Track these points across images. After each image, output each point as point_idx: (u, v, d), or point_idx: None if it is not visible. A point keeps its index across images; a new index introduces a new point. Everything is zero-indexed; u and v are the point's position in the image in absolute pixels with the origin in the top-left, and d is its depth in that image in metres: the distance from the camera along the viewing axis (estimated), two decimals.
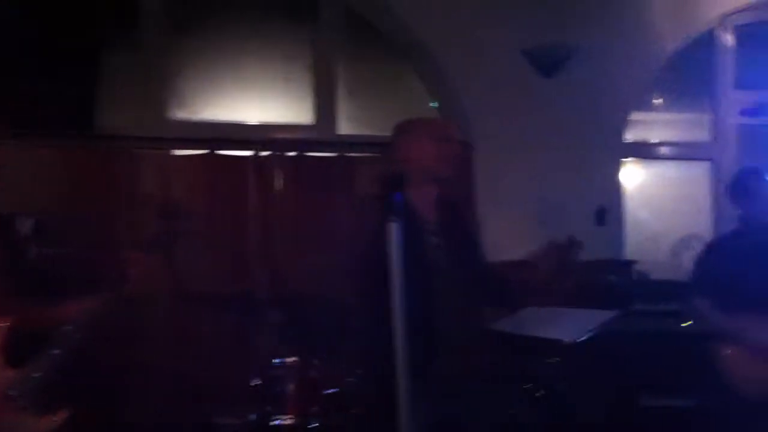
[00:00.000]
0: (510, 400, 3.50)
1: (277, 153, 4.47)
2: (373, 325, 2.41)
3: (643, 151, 5.32)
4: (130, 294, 2.73)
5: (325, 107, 4.76)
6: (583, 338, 3.22)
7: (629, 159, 5.22)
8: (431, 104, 4.97)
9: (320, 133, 4.72)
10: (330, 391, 3.24)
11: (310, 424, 3.16)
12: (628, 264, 4.82)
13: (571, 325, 3.28)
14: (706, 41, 5.38)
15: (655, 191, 5.39)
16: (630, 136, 5.17)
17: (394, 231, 2.04)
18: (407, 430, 1.90)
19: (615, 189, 5.04)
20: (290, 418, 3.17)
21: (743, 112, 5.41)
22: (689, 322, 3.65)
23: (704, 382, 3.37)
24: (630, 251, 5.02)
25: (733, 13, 5.33)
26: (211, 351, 3.95)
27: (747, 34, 5.44)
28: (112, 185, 4.15)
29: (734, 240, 3.58)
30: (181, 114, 4.56)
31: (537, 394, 3.69)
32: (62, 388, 2.63)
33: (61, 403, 2.62)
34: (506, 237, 4.55)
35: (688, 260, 5.18)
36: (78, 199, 4.08)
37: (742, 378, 3.22)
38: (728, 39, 5.43)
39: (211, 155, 4.39)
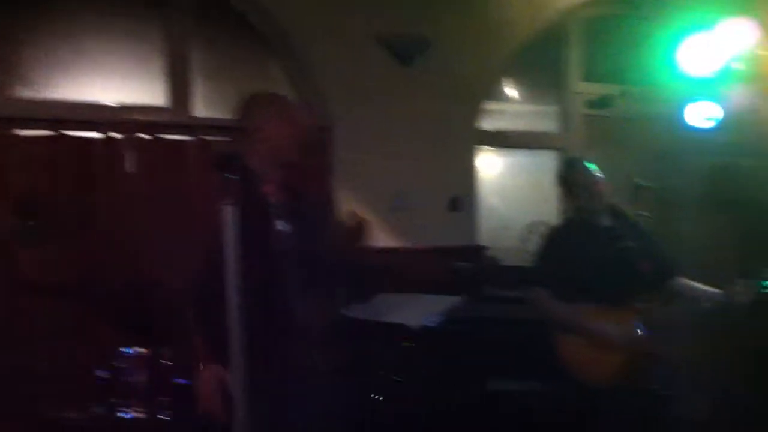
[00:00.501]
0: (366, 385, 3.56)
1: (129, 135, 4.33)
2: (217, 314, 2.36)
3: (496, 140, 5.48)
4: None
5: (179, 89, 4.64)
6: (431, 323, 3.31)
7: (483, 147, 5.37)
8: (290, 89, 4.93)
9: (174, 115, 4.60)
10: (181, 381, 3.18)
11: (159, 416, 3.09)
12: (480, 250, 4.99)
13: (420, 311, 3.37)
14: (556, 34, 5.58)
15: (507, 179, 5.59)
16: (483, 125, 5.32)
17: (230, 214, 1.98)
18: (246, 420, 1.90)
19: (468, 177, 5.17)
20: (138, 411, 3.09)
21: (590, 104, 5.66)
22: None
23: (547, 367, 3.52)
24: (483, 237, 5.18)
25: (582, 7, 5.55)
26: (54, 344, 3.79)
27: (594, 28, 5.69)
28: None
29: (565, 230, 3.70)
30: (26, 93, 4.32)
31: (394, 380, 3.77)
32: None
33: None
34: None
35: (534, 246, 5.45)
36: None
37: (577, 364, 3.40)
38: (576, 32, 5.66)
39: (57, 136, 4.20)
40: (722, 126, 4.89)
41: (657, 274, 3.40)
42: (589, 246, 3.44)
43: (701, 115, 4.93)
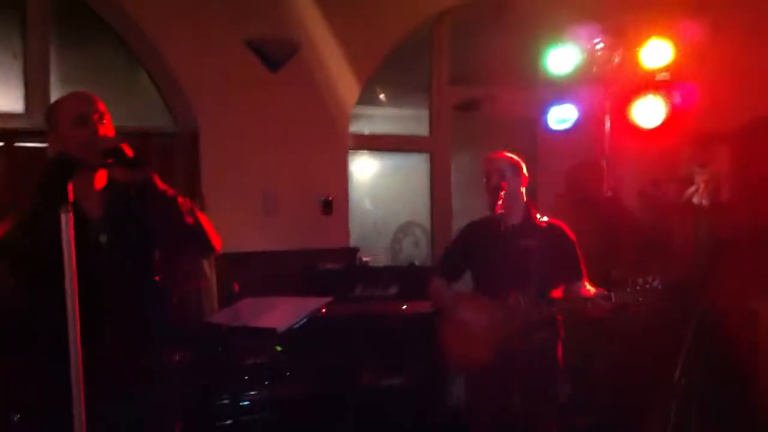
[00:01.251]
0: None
1: None
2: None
3: (367, 144, 5.55)
4: None
5: (35, 95, 4.47)
6: (297, 325, 3.31)
7: (354, 151, 5.42)
8: (155, 95, 4.85)
9: (31, 122, 4.43)
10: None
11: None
12: (352, 251, 5.04)
13: (287, 313, 3.36)
14: (424, 38, 5.69)
15: (379, 182, 5.66)
16: (354, 128, 5.37)
17: (65, 222, 1.89)
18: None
19: (340, 180, 5.21)
20: None
21: (458, 107, 5.79)
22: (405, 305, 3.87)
23: (418, 360, 3.60)
24: (354, 239, 5.23)
25: (449, 12, 5.68)
26: None
27: (461, 31, 5.83)
28: None
29: (478, 224, 3.76)
30: None
31: (265, 381, 3.76)
32: None
33: None
34: (235, 228, 4.58)
35: (407, 246, 5.56)
36: None
37: (455, 351, 3.50)
38: (443, 37, 5.78)
39: None
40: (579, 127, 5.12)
41: (559, 275, 3.49)
42: (488, 241, 3.49)
43: (560, 117, 5.14)
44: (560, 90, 5.14)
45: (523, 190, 3.60)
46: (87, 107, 2.46)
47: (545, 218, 3.61)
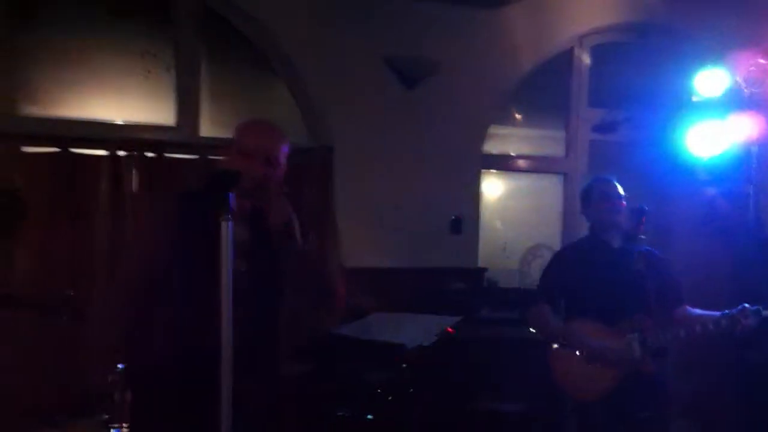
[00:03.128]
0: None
1: (135, 153, 4.39)
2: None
3: (500, 164, 5.52)
4: None
5: (186, 108, 4.71)
6: (426, 343, 3.33)
7: (486, 170, 5.40)
8: (296, 110, 5.00)
9: (181, 134, 4.67)
10: None
11: None
12: (479, 272, 5.00)
13: (416, 331, 3.39)
14: (563, 60, 5.63)
15: (510, 202, 5.61)
16: (488, 148, 5.35)
17: (226, 229, 1.97)
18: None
19: (471, 199, 5.20)
20: (128, 427, 3.11)
21: (595, 129, 5.69)
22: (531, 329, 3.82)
23: (539, 387, 3.55)
24: (482, 259, 5.20)
25: (589, 34, 5.60)
26: (45, 359, 3.83)
27: (600, 55, 5.73)
28: None
29: (577, 247, 3.76)
30: (33, 110, 4.41)
31: (387, 399, 3.79)
32: None
33: None
34: (364, 243, 4.66)
35: (536, 269, 5.47)
36: None
37: (569, 380, 3.43)
38: (583, 59, 5.70)
39: (64, 153, 4.27)
40: (726, 154, 4.90)
41: (663, 299, 3.45)
42: (598, 264, 3.50)
43: (705, 141, 4.93)
44: (706, 114, 4.94)
45: None
46: (275, 145, 2.54)
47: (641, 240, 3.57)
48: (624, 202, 3.61)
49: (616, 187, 3.67)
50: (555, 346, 3.50)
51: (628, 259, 3.49)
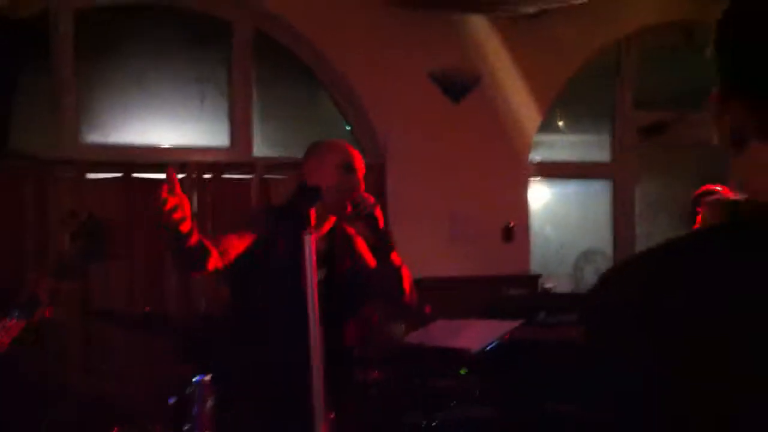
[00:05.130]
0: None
1: (193, 175, 4.54)
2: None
3: (548, 171, 5.57)
4: (40, 317, 2.73)
5: (239, 129, 4.85)
6: (489, 347, 3.39)
7: (534, 178, 5.46)
8: (345, 127, 5.12)
9: (236, 155, 4.81)
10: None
11: None
12: (533, 278, 5.06)
13: (479, 335, 3.46)
14: (608, 63, 5.66)
15: (559, 209, 5.66)
16: (535, 156, 5.42)
17: (309, 242, 2.07)
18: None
19: (521, 207, 5.27)
20: None
21: (642, 131, 5.69)
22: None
23: (599, 388, 3.57)
24: (535, 266, 5.26)
25: (633, 35, 5.62)
26: (126, 371, 3.98)
27: (648, 55, 5.75)
28: (25, 208, 4.16)
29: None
30: (95, 137, 4.59)
31: (450, 404, 3.85)
32: None
33: None
34: (419, 255, 4.74)
35: (589, 273, 5.50)
36: None
37: None
38: (629, 60, 5.72)
39: (126, 178, 4.44)
40: None
41: None
42: None
43: None
44: None
45: None
46: (354, 160, 2.70)
47: None
48: None
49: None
50: None
51: None
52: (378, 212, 2.60)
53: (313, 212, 2.06)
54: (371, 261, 2.74)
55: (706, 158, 5.24)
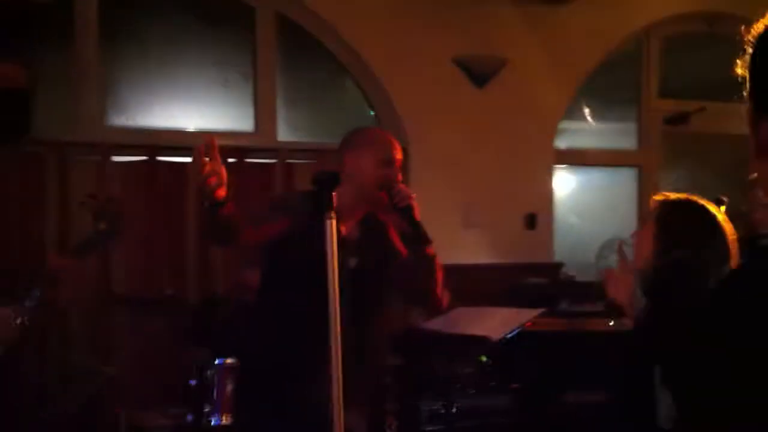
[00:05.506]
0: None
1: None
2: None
3: (572, 158, 5.53)
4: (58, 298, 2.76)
5: (264, 114, 4.85)
6: (510, 335, 3.38)
7: (559, 165, 5.41)
8: (368, 112, 5.10)
9: (260, 139, 4.81)
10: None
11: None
12: (556, 266, 5.02)
13: (500, 323, 3.45)
14: (631, 51, 5.60)
15: (584, 197, 5.61)
16: (559, 143, 5.37)
17: (331, 226, 2.04)
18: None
19: (545, 194, 5.23)
20: (227, 417, 3.25)
21: (667, 120, 5.64)
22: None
23: (623, 377, 3.55)
24: (558, 254, 5.22)
25: (658, 24, 5.56)
26: (145, 353, 4.02)
27: (670, 44, 5.69)
28: (48, 191, 4.20)
29: None
30: (120, 120, 4.61)
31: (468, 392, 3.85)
32: None
33: None
34: (442, 241, 4.72)
35: (612, 263, 5.45)
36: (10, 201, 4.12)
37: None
38: (654, 49, 5.66)
39: (151, 161, 4.46)
40: None
41: None
42: None
43: None
44: None
45: None
46: (395, 153, 2.68)
47: None
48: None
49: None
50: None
51: None
52: (414, 204, 2.57)
53: (334, 195, 2.05)
54: (403, 251, 2.73)
55: (730, 147, 5.19)
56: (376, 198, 2.63)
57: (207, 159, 2.25)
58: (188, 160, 4.49)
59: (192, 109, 4.76)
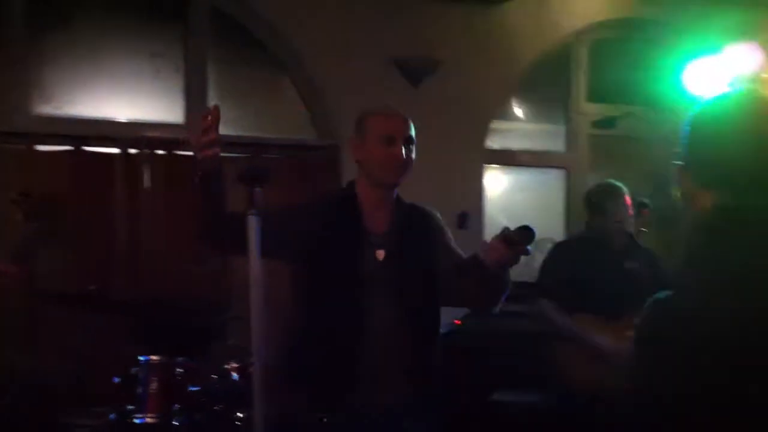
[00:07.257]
0: None
1: (146, 151, 4.47)
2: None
3: (503, 159, 5.61)
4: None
5: (195, 107, 4.78)
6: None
7: (490, 166, 5.49)
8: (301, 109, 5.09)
9: (190, 132, 4.74)
10: (193, 388, 3.29)
11: (172, 422, 3.20)
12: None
13: None
14: (562, 56, 5.71)
15: (513, 197, 5.70)
16: (491, 144, 5.44)
17: (254, 224, 2.05)
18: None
19: (476, 194, 5.29)
20: (152, 417, 3.20)
21: (595, 124, 5.78)
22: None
23: (545, 379, 3.64)
24: None
25: (586, 30, 5.69)
26: (70, 351, 3.93)
27: (599, 50, 5.82)
28: None
29: (579, 245, 3.87)
30: (47, 109, 4.48)
31: None
32: None
33: None
34: None
35: (540, 262, 5.56)
36: None
37: (574, 375, 3.52)
38: (582, 54, 5.79)
39: (77, 152, 4.35)
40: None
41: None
42: (598, 261, 3.59)
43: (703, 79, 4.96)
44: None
45: None
46: (395, 128, 2.55)
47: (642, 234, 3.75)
48: (631, 211, 3.70)
49: (623, 196, 3.74)
50: (560, 340, 3.59)
51: (628, 256, 3.61)
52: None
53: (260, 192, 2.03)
54: (456, 253, 2.65)
55: (654, 151, 5.35)
56: (385, 178, 2.52)
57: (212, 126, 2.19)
58: (117, 151, 4.42)
59: (122, 99, 4.67)
